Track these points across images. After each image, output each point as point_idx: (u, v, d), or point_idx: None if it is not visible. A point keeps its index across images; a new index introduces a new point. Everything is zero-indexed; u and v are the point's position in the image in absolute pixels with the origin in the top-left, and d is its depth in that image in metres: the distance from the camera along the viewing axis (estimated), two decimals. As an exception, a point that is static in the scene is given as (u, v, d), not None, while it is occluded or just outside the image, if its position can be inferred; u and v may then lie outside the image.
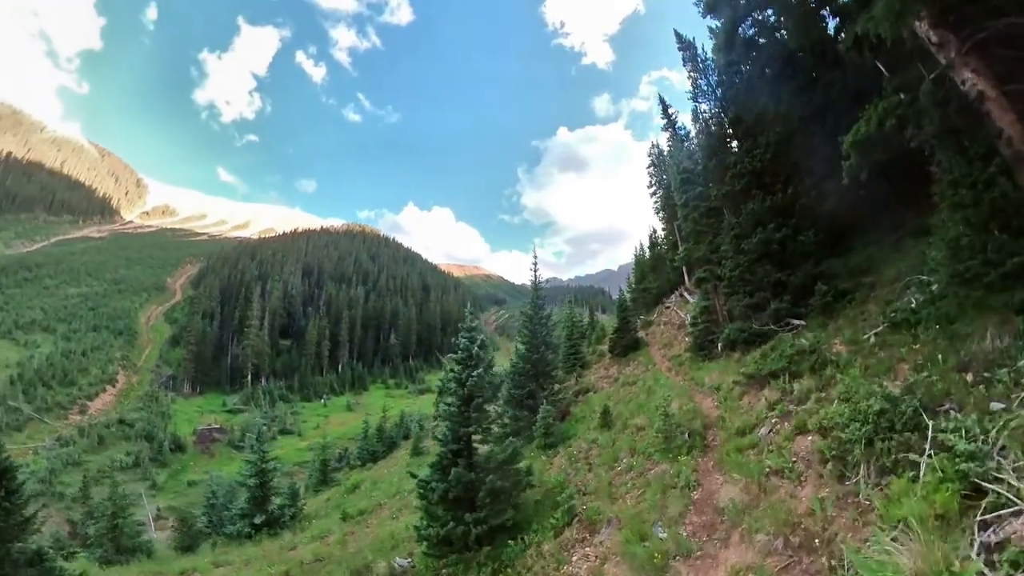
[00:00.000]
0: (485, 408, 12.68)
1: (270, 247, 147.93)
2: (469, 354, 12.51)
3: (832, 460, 6.64)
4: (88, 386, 77.48)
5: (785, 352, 11.83)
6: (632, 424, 16.01)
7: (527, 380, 23.21)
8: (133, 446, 62.04)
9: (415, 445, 35.11)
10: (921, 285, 11.73)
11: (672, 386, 18.86)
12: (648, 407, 17.04)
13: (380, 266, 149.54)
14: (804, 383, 10.46)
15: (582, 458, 15.85)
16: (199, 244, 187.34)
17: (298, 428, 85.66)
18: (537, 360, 23.12)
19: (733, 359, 18.09)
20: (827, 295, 16.63)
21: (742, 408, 11.97)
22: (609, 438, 16.13)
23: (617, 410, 19.28)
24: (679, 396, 16.21)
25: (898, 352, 9.55)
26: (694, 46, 30.89)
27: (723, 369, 17.22)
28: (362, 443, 48.18)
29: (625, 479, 11.85)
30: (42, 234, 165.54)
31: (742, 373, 12.85)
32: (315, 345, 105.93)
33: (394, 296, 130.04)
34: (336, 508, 26.91)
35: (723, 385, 15.00)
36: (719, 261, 21.33)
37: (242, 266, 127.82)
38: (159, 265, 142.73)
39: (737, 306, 18.93)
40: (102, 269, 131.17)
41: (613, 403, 21.79)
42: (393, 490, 25.74)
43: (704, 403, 14.82)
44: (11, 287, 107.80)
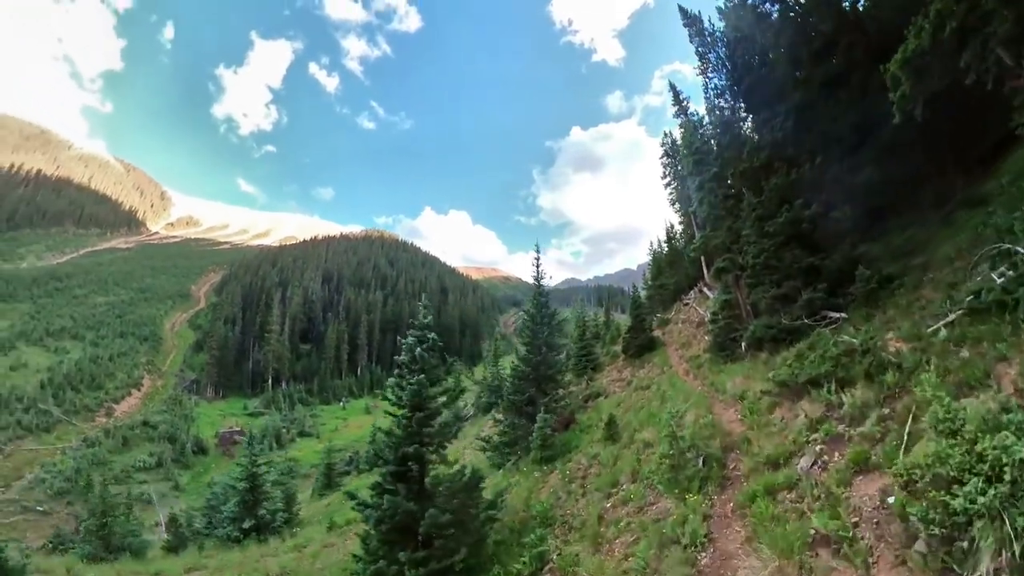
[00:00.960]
0: (437, 423, 10.28)
1: (290, 254, 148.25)
2: (412, 356, 10.13)
3: (927, 537, 4.01)
4: (114, 389, 78.18)
5: (827, 352, 9.11)
6: (640, 439, 13.43)
7: (527, 384, 20.73)
8: (156, 447, 62.67)
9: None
10: (1003, 257, 8.85)
11: (688, 392, 16.17)
12: (659, 418, 14.43)
13: (399, 270, 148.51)
14: (858, 394, 7.76)
15: (579, 477, 13.38)
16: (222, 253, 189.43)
17: (317, 430, 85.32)
18: (539, 363, 20.61)
19: (759, 360, 15.32)
20: (871, 281, 13.77)
21: (773, 425, 9.29)
22: (612, 454, 13.59)
23: (625, 420, 16.69)
24: (695, 405, 13.55)
25: (992, 349, 6.81)
26: (700, 20, 27.98)
27: (748, 373, 14.47)
28: (370, 446, 46.22)
29: (620, 513, 9.36)
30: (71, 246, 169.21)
31: (772, 379, 10.15)
32: (334, 349, 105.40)
33: (412, 300, 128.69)
34: (332, 514, 25.83)
35: (748, 393, 12.29)
36: (740, 248, 18.54)
37: (263, 273, 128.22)
38: (183, 274, 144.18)
39: (763, 298, 16.13)
40: (129, 278, 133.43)
41: (623, 411, 19.18)
42: None
43: (725, 415, 12.14)
44: (42, 297, 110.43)
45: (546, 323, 21.47)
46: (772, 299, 15.68)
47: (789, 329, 14.70)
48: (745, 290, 18.53)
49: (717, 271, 18.57)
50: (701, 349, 21.00)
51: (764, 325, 15.34)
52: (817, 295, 14.27)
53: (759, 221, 17.00)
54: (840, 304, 14.25)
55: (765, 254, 16.06)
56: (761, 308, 16.56)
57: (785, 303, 15.56)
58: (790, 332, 14.64)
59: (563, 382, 21.99)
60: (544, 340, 20.94)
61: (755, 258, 16.46)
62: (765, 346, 15.49)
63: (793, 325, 14.61)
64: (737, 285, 18.77)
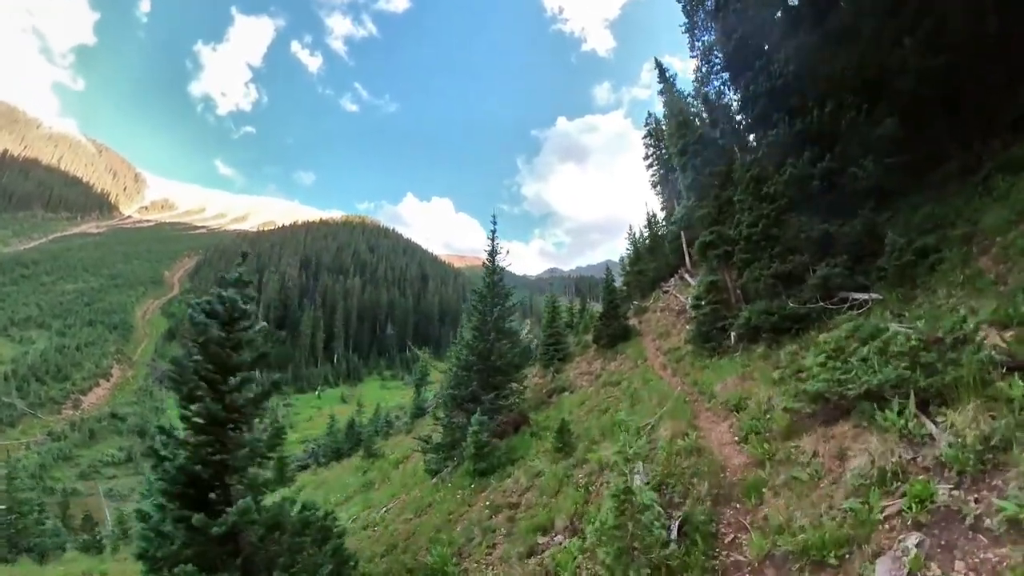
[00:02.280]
0: (247, 423, 6.55)
1: (268, 240, 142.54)
2: (203, 329, 6.37)
3: None
4: (82, 380, 74.56)
5: (891, 346, 5.38)
6: (595, 458, 9.76)
7: (472, 377, 17.00)
8: (125, 441, 60.32)
9: (368, 445, 29.25)
10: None
11: (664, 393, 12.50)
12: (626, 427, 10.80)
13: (379, 257, 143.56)
14: (972, 420, 4.07)
15: (508, 505, 9.80)
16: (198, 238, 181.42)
17: (290, 420, 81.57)
18: (486, 351, 16.84)
19: (755, 354, 11.72)
20: (905, 253, 10.19)
21: (799, 463, 5.62)
22: (556, 476, 9.92)
23: (584, 426, 13.08)
24: (673, 414, 9.89)
25: None
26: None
27: (744, 371, 10.87)
28: (327, 439, 42.50)
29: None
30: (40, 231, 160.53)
31: (804, 393, 6.36)
32: (309, 336, 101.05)
33: (391, 287, 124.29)
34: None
35: (748, 401, 8.65)
36: (731, 219, 14.90)
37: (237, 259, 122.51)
38: (157, 259, 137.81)
39: (760, 278, 12.48)
40: (99, 264, 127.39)
41: (585, 411, 15.56)
42: (320, 500, 20.44)
43: (714, 432, 8.47)
44: (7, 285, 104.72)
45: (498, 304, 17.70)
46: (772, 278, 12.05)
47: (795, 315, 11.10)
48: (735, 271, 14.94)
49: (701, 248, 14.93)
50: (681, 340, 17.40)
51: (762, 312, 11.69)
52: (835, 271, 10.66)
53: (754, 184, 13.34)
54: (863, 283, 10.69)
55: (764, 221, 12.40)
56: (758, 290, 12.93)
57: (789, 283, 11.95)
58: (796, 319, 11.05)
59: (516, 375, 18.23)
60: (493, 324, 17.16)
61: (750, 227, 12.80)
62: (762, 338, 11.87)
63: (799, 311, 11.02)
64: (726, 264, 15.13)
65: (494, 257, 19.47)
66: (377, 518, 15.15)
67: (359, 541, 12.52)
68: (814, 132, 13.62)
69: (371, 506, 17.34)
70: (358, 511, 17.48)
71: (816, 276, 10.65)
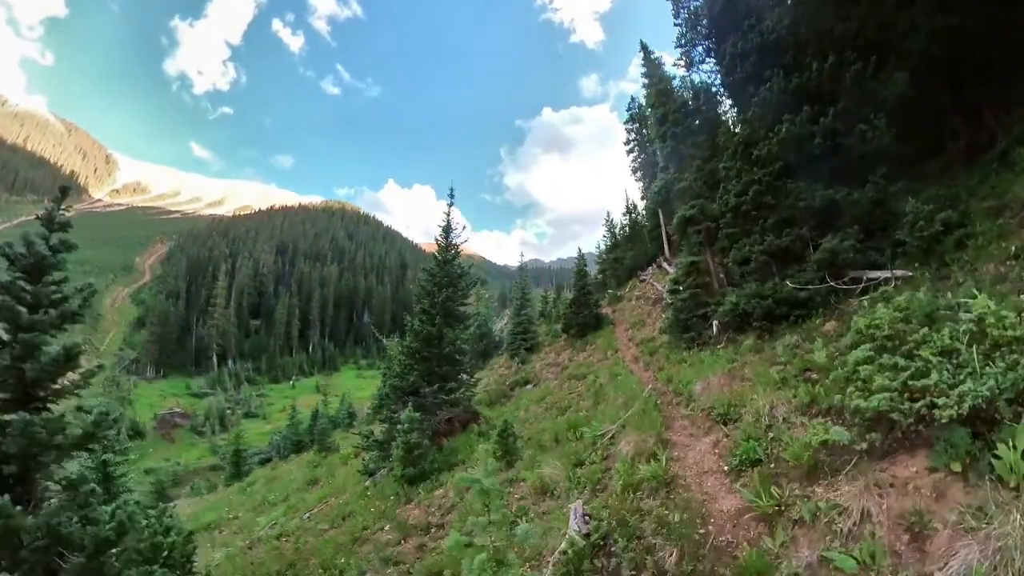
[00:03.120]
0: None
1: (244, 225, 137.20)
2: None
3: None
4: None
5: (999, 327, 3.08)
6: (531, 477, 7.47)
7: (417, 365, 14.66)
8: None
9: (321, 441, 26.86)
10: None
11: (634, 391, 10.22)
12: (583, 434, 8.54)
13: (358, 244, 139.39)
14: None
15: (421, 528, 7.52)
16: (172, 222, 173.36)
17: (264, 411, 78.36)
18: (433, 337, 14.46)
19: (744, 347, 9.52)
20: (932, 223, 8.03)
21: (832, 532, 3.32)
22: (488, 493, 7.57)
23: (538, 427, 10.88)
24: (638, 425, 7.56)
25: None
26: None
27: (728, 367, 8.66)
28: (288, 431, 39.80)
29: None
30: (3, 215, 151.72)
31: (858, 415, 4.00)
32: (284, 325, 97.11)
33: (369, 274, 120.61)
34: (214, 510, 21.61)
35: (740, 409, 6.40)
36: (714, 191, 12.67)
37: (212, 244, 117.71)
38: (128, 245, 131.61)
39: (751, 256, 10.23)
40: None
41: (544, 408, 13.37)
42: (260, 499, 19.66)
43: (691, 453, 6.17)
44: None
45: (448, 285, 15.29)
46: (765, 255, 9.82)
47: (793, 299, 8.90)
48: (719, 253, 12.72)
49: (681, 224, 12.68)
50: (657, 330, 15.22)
51: (752, 295, 9.48)
52: (844, 245, 8.45)
53: (745, 146, 11.08)
54: (880, 261, 8.53)
55: (755, 188, 10.14)
56: (747, 271, 10.69)
57: (784, 261, 9.75)
58: (795, 303, 8.86)
59: (466, 365, 15.88)
60: (441, 307, 14.75)
61: (739, 196, 10.53)
62: (752, 325, 9.67)
63: (800, 294, 8.82)
64: (709, 243, 12.90)
65: (448, 233, 17.01)
66: (294, 526, 12.88)
67: (264, 553, 10.43)
68: (812, 88, 11.37)
69: (297, 510, 15.20)
70: (280, 515, 15.27)
71: (821, 251, 8.45)
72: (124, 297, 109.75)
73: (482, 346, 29.99)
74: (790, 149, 10.32)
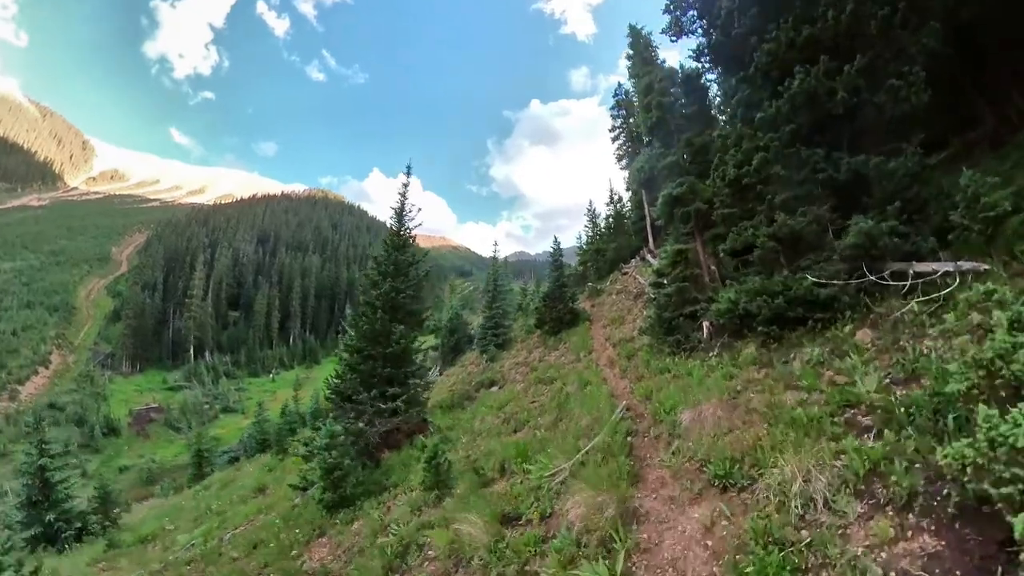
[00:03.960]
0: None
1: (224, 213, 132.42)
2: None
3: None
4: (18, 369, 66.39)
5: None
6: (441, 541, 5.18)
7: (361, 365, 12.34)
8: (63, 432, 51.76)
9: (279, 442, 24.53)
10: None
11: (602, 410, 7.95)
12: (536, 463, 6.28)
13: (341, 234, 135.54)
14: None
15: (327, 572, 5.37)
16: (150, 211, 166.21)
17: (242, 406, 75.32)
18: (375, 334, 12.14)
19: (742, 357, 7.27)
20: (1000, 203, 5.82)
21: None
22: (401, 540, 5.40)
23: (484, 448, 8.70)
24: (594, 480, 5.23)
25: None
26: None
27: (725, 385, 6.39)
28: (254, 429, 37.26)
29: None
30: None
31: None
32: (264, 316, 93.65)
33: (352, 265, 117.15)
34: (162, 517, 20.01)
35: (753, 470, 4.14)
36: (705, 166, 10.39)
37: (191, 234, 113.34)
38: (104, 235, 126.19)
39: (754, 242, 7.94)
40: (40, 240, 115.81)
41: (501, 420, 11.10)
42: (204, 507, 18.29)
43: (677, 547, 3.92)
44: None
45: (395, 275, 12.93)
46: (772, 241, 7.54)
47: (811, 298, 6.66)
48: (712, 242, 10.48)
49: (667, 205, 10.38)
50: (637, 329, 12.96)
51: (755, 291, 7.21)
52: (882, 228, 6.19)
53: (746, 108, 8.80)
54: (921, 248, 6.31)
55: (760, 156, 7.85)
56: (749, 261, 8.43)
57: (796, 249, 7.49)
58: (815, 304, 6.61)
59: (414, 367, 13.52)
60: (386, 299, 12.40)
61: (740, 168, 8.23)
62: (755, 330, 7.43)
63: (821, 291, 6.59)
64: (699, 229, 10.63)
65: (402, 218, 14.60)
66: (210, 548, 10.84)
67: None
68: (828, 40, 9.05)
69: (226, 526, 13.47)
70: (202, 533, 13.41)
71: (855, 234, 6.18)
72: (100, 289, 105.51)
73: (453, 340, 27.72)
74: (804, 108, 8.05)
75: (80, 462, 46.90)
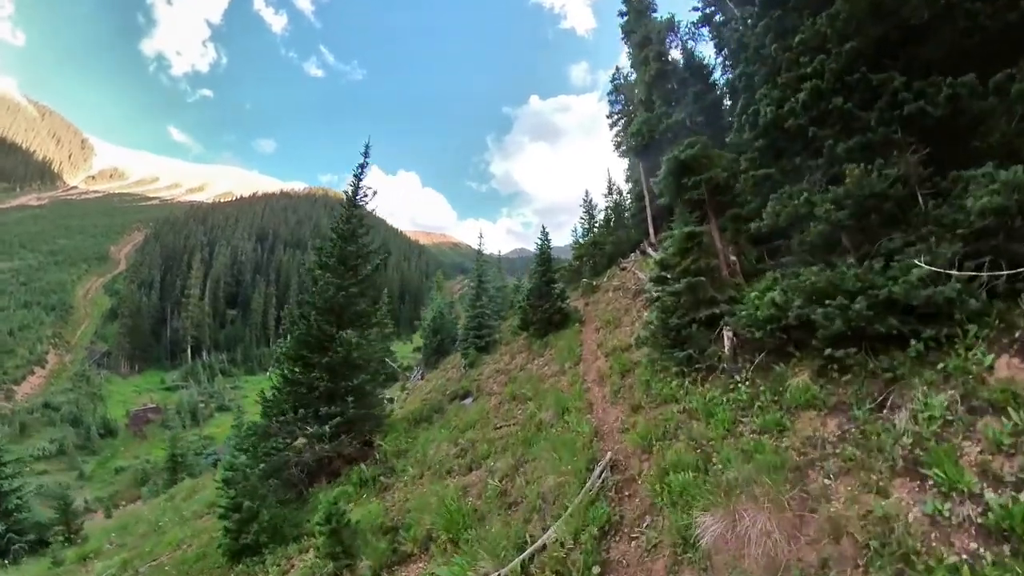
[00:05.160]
0: None
1: (223, 212, 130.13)
2: None
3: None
4: (14, 369, 64.69)
5: None
6: None
7: (301, 375, 9.85)
8: (58, 432, 51.85)
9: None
10: None
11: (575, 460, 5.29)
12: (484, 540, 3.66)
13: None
14: None
15: None
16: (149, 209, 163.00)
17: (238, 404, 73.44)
18: (317, 340, 9.59)
19: (790, 393, 4.51)
20: None
21: None
22: None
23: (421, 496, 6.42)
24: None
25: None
26: None
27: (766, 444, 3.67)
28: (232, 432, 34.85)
29: None
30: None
31: None
32: (261, 314, 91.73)
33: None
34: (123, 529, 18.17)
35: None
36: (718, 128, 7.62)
37: (187, 232, 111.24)
38: (103, 233, 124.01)
39: (809, 213, 5.16)
40: (38, 240, 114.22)
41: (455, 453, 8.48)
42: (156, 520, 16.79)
43: None
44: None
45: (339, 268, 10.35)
46: (837, 210, 4.80)
47: (910, 305, 3.94)
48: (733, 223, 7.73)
49: (672, 173, 7.65)
50: (634, 335, 10.23)
51: (810, 289, 4.50)
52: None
53: (776, 36, 6.06)
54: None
55: (811, 86, 5.13)
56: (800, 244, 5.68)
57: (867, 226, 4.76)
58: (921, 313, 3.89)
59: (367, 375, 10.90)
60: (325, 296, 9.85)
61: (780, 106, 5.49)
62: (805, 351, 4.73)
63: (930, 292, 3.88)
64: (715, 208, 7.87)
65: (354, 201, 12.00)
66: None
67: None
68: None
69: (149, 555, 11.86)
70: (120, 563, 11.87)
71: (987, 191, 3.42)
72: (98, 288, 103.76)
73: (437, 341, 25.10)
74: (866, 20, 5.30)
75: (77, 463, 46.41)
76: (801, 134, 5.25)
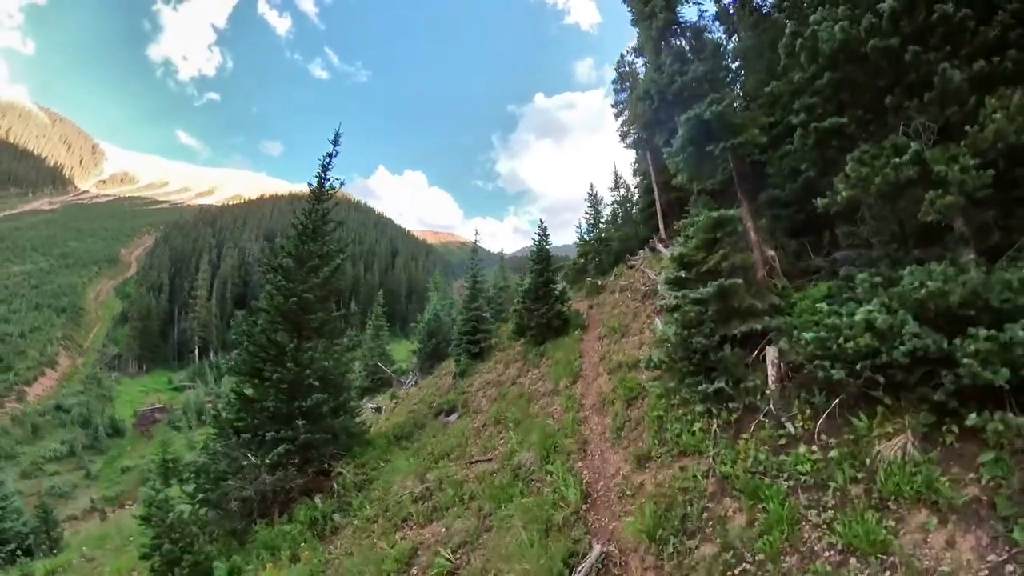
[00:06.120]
0: None
1: (232, 214, 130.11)
2: None
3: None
4: (26, 370, 64.90)
5: None
6: None
7: (255, 391, 8.33)
8: (68, 433, 52.38)
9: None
10: None
11: (551, 542, 3.53)
12: None
13: (348, 232, 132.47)
14: None
15: None
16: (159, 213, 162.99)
17: (243, 405, 72.74)
18: (276, 350, 7.99)
19: (882, 466, 2.78)
20: None
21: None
22: None
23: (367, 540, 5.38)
24: None
25: None
26: None
27: None
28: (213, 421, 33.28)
29: None
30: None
31: None
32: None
33: (358, 262, 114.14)
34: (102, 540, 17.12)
35: None
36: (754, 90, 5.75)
37: (196, 234, 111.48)
38: (113, 237, 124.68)
39: (910, 182, 3.30)
40: (50, 243, 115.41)
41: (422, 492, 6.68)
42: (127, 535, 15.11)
43: None
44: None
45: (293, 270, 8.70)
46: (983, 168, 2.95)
47: None
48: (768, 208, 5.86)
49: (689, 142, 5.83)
50: (645, 348, 8.35)
51: (922, 296, 2.71)
52: None
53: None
54: None
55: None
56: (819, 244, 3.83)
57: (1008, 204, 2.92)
58: None
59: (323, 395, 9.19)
60: (273, 301, 8.26)
61: (853, 23, 3.66)
62: (913, 396, 2.94)
63: None
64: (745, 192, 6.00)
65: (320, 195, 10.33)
66: None
67: None
68: None
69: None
70: None
71: None
72: (109, 290, 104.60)
73: (432, 345, 23.44)
74: None
75: (84, 463, 47.01)
76: (893, 60, 3.38)
